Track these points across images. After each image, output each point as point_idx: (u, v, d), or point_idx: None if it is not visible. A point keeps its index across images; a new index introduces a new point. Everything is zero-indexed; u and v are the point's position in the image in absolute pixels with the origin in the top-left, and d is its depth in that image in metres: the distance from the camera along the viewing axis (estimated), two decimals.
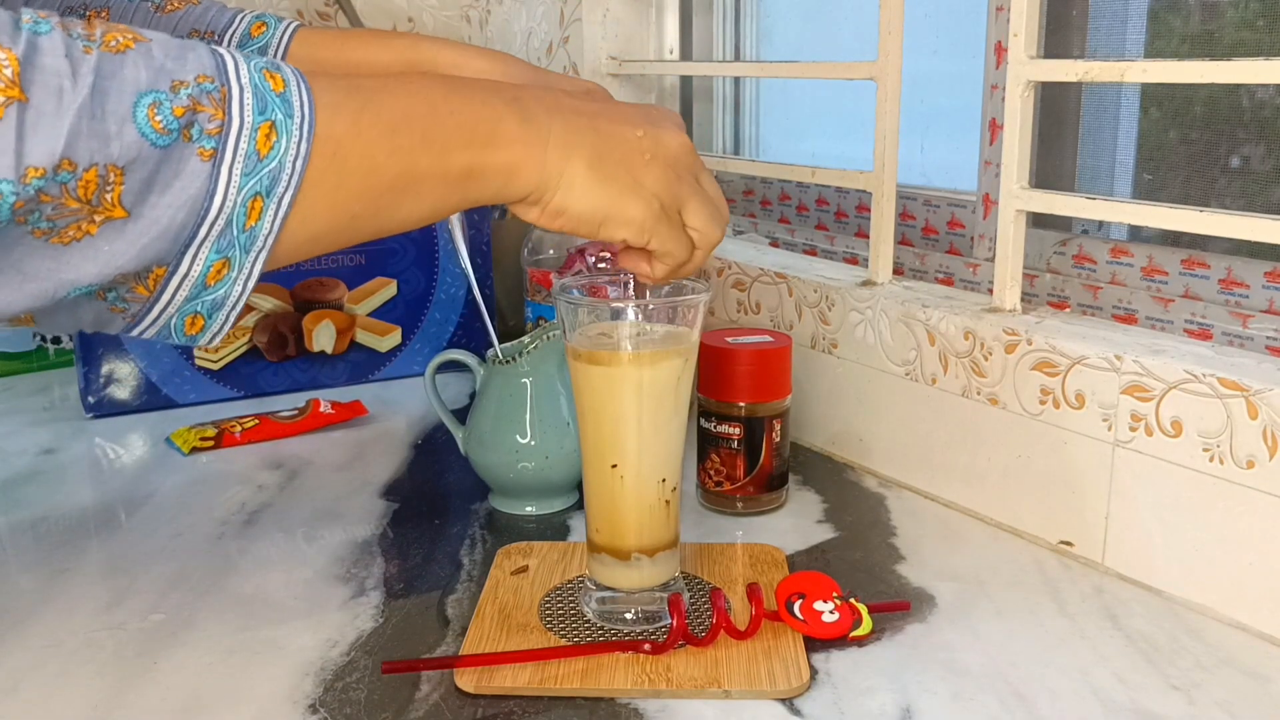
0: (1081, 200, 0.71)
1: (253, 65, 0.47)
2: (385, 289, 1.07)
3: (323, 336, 1.05)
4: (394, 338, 1.08)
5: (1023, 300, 0.76)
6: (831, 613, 0.60)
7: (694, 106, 1.29)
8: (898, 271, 0.87)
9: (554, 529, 0.76)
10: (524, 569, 0.68)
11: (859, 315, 0.84)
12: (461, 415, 0.81)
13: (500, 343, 0.78)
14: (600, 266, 0.83)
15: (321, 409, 0.95)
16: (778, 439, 0.77)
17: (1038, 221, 0.90)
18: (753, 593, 0.60)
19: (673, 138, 0.58)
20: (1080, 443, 0.69)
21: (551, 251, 0.91)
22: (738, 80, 1.30)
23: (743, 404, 0.76)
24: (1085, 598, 0.65)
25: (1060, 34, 0.90)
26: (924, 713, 0.54)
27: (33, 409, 1.02)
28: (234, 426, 0.92)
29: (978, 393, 0.75)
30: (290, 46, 0.74)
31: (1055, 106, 0.92)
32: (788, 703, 0.54)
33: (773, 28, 1.25)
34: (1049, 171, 0.92)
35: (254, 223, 0.47)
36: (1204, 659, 0.58)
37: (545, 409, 0.76)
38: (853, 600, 0.61)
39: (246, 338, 1.02)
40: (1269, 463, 0.59)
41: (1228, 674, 0.57)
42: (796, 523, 0.76)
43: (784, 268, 0.92)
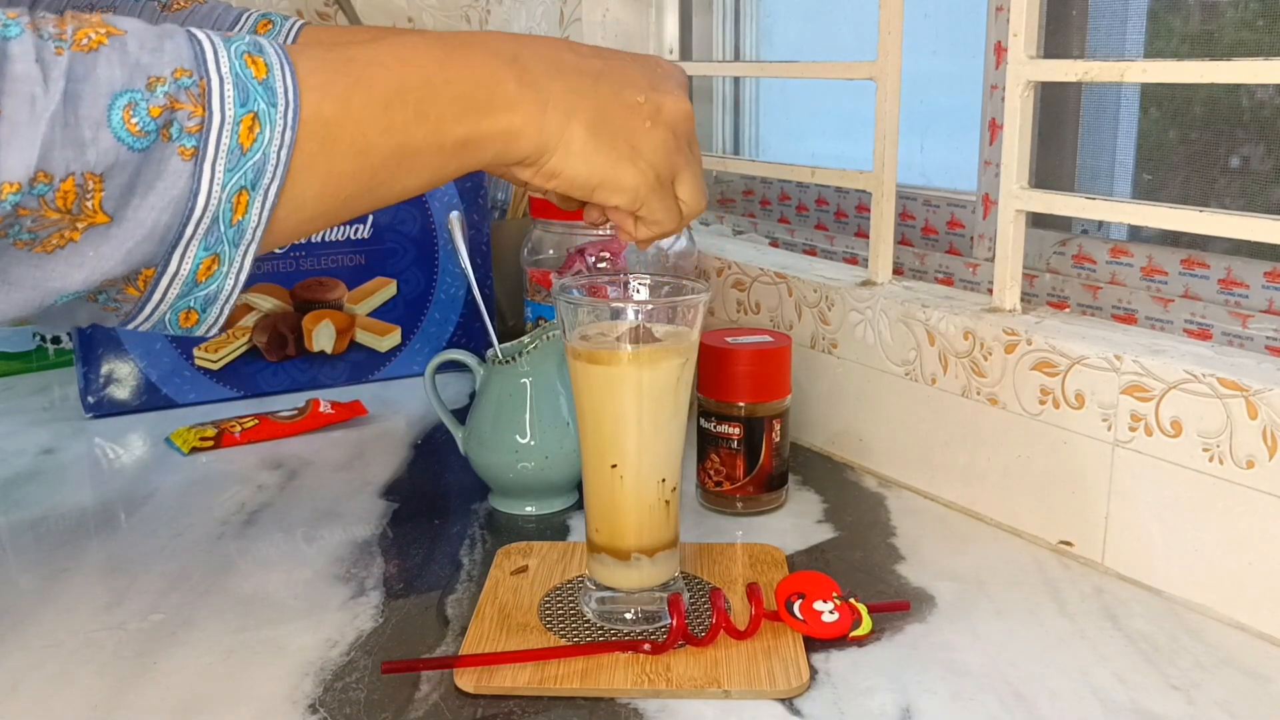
0: (1081, 200, 0.71)
1: (233, 51, 0.45)
2: (385, 289, 1.07)
3: (322, 336, 1.05)
4: (394, 338, 1.08)
5: (1022, 300, 0.76)
6: (831, 613, 0.60)
7: (694, 107, 1.29)
8: (897, 271, 0.87)
9: (554, 529, 0.75)
10: (524, 569, 0.68)
11: (859, 315, 0.84)
12: (461, 415, 0.81)
13: (500, 343, 0.78)
14: (600, 266, 0.83)
15: (321, 409, 0.95)
16: (777, 439, 0.77)
17: (1037, 221, 0.90)
18: (752, 593, 0.60)
19: (674, 103, 0.58)
20: (1080, 443, 0.69)
21: (551, 251, 0.91)
22: (737, 80, 1.30)
23: (742, 404, 0.76)
24: (1085, 598, 0.65)
25: (1060, 34, 0.90)
26: (924, 713, 0.54)
27: (32, 409, 1.01)
28: (234, 426, 0.92)
29: (977, 393, 0.75)
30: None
31: (1055, 106, 0.92)
32: (787, 703, 0.54)
33: (773, 28, 1.25)
34: (1049, 171, 0.92)
35: (241, 217, 0.45)
36: (1204, 659, 0.58)
37: (545, 409, 0.76)
38: (852, 600, 0.61)
39: (246, 338, 1.02)
40: (1269, 463, 0.59)
41: (1227, 674, 0.57)
42: (796, 523, 0.76)
43: (784, 268, 0.92)
